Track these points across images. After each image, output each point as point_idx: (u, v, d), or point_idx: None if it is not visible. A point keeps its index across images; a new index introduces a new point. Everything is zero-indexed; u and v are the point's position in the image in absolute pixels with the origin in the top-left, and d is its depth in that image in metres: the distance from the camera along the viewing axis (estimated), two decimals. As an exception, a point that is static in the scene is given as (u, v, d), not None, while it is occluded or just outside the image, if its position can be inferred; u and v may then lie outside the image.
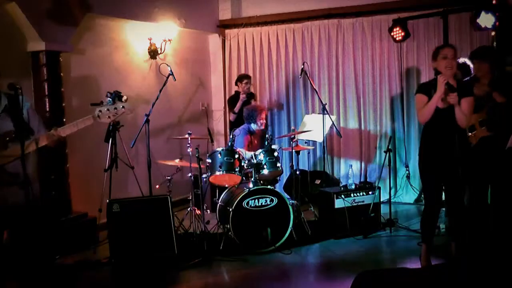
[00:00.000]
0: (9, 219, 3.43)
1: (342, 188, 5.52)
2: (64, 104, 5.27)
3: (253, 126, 5.92)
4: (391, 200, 5.74)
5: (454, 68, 3.95)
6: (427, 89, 4.02)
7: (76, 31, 5.43)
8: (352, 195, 5.35)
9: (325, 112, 5.90)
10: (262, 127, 5.98)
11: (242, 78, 6.89)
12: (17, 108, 3.30)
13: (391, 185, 5.84)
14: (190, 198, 5.14)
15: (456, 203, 4.12)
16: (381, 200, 5.62)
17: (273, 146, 5.36)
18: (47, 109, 5.10)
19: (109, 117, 3.54)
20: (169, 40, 6.76)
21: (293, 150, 5.69)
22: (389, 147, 5.54)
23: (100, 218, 5.25)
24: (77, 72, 5.70)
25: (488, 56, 4.61)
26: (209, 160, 5.22)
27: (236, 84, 7.02)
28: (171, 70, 5.63)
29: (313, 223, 5.61)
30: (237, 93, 6.89)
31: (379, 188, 5.51)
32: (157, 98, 5.55)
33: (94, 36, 5.93)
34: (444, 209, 5.82)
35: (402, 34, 6.06)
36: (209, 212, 5.67)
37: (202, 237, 4.87)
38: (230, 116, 6.98)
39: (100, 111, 3.52)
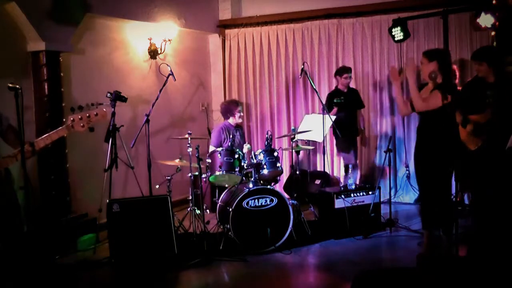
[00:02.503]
0: (9, 219, 3.43)
1: (342, 188, 5.52)
2: (64, 104, 5.27)
3: (231, 120, 5.93)
4: (391, 200, 5.74)
5: (423, 73, 4.50)
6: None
7: (76, 31, 5.43)
8: (352, 195, 5.35)
9: (325, 112, 5.90)
10: (240, 120, 6.02)
11: (342, 71, 6.47)
12: None
13: (391, 185, 5.84)
14: (190, 198, 5.14)
15: (446, 195, 4.26)
16: (381, 200, 5.62)
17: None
18: (47, 109, 5.10)
19: (82, 125, 3.46)
20: (169, 40, 6.76)
21: (293, 150, 5.69)
22: (389, 147, 5.54)
23: (100, 218, 5.25)
24: (77, 72, 5.70)
25: (485, 57, 4.62)
26: (209, 160, 5.23)
27: (335, 77, 6.65)
28: (171, 70, 5.63)
29: (313, 223, 5.61)
30: (337, 90, 6.57)
31: (379, 188, 5.51)
32: (157, 98, 5.55)
33: (94, 36, 5.93)
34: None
35: (402, 34, 6.05)
36: (208, 212, 5.67)
37: (202, 237, 4.87)
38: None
39: (73, 120, 3.45)
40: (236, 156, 5.14)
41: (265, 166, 5.18)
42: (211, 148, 5.69)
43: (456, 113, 4.67)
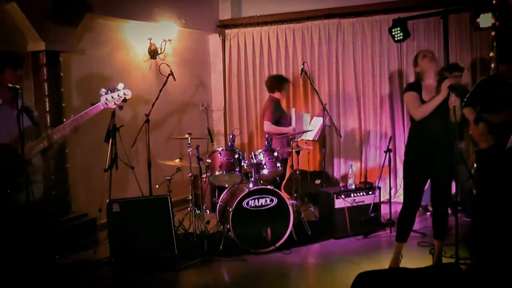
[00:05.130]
0: (9, 219, 3.43)
1: (342, 188, 5.52)
2: (64, 104, 5.27)
3: (277, 95, 6.02)
4: (391, 200, 5.74)
5: (437, 65, 4.03)
6: (417, 87, 4.05)
7: (76, 31, 5.43)
8: (352, 195, 5.34)
9: (325, 112, 5.91)
10: (283, 97, 6.19)
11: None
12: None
13: (391, 185, 5.84)
14: (190, 198, 5.14)
15: (442, 204, 4.16)
16: (381, 200, 5.62)
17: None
18: (47, 109, 5.11)
19: (115, 103, 3.74)
20: (169, 40, 6.76)
21: (293, 150, 5.69)
22: (389, 147, 5.54)
23: (100, 218, 5.25)
24: (77, 72, 5.70)
25: None
26: (209, 160, 5.22)
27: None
28: (171, 70, 5.63)
29: (313, 223, 5.61)
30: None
31: (379, 188, 5.51)
32: (157, 98, 5.55)
33: (94, 36, 5.92)
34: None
35: (402, 34, 6.05)
36: (208, 212, 5.67)
37: (202, 237, 4.87)
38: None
39: (107, 98, 3.70)
40: (236, 156, 5.15)
41: (265, 166, 5.18)
42: (268, 126, 5.80)
43: (468, 110, 4.67)
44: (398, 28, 6.04)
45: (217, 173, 5.08)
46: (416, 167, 4.10)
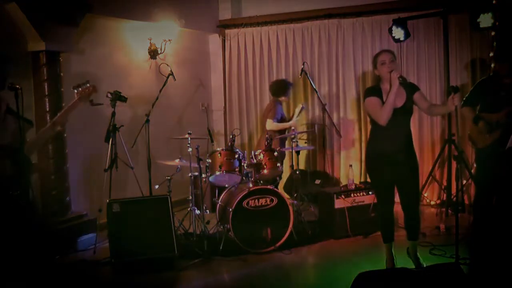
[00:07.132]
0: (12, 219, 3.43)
1: (342, 188, 5.51)
2: (64, 104, 5.27)
3: (282, 99, 6.11)
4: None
5: (397, 71, 3.87)
6: (377, 92, 3.94)
7: (76, 31, 5.43)
8: (352, 195, 5.34)
9: (325, 112, 5.91)
10: (288, 101, 6.30)
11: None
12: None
13: (391, 185, 5.84)
14: (190, 198, 5.14)
15: (411, 207, 4.15)
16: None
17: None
18: (47, 109, 5.11)
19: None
20: (169, 40, 6.76)
21: (293, 150, 5.69)
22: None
23: (100, 218, 5.25)
24: (77, 72, 5.70)
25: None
26: (209, 160, 5.23)
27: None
28: (171, 70, 5.62)
29: (313, 223, 5.61)
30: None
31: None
32: (157, 98, 5.55)
33: (94, 36, 5.92)
34: (445, 209, 5.82)
35: (402, 34, 6.06)
36: (208, 212, 5.67)
37: (202, 237, 4.87)
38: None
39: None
40: (236, 156, 5.15)
41: (265, 166, 5.18)
42: (270, 124, 5.91)
43: (466, 109, 4.67)
44: (398, 28, 6.05)
45: (217, 173, 5.08)
46: (379, 168, 4.06)
